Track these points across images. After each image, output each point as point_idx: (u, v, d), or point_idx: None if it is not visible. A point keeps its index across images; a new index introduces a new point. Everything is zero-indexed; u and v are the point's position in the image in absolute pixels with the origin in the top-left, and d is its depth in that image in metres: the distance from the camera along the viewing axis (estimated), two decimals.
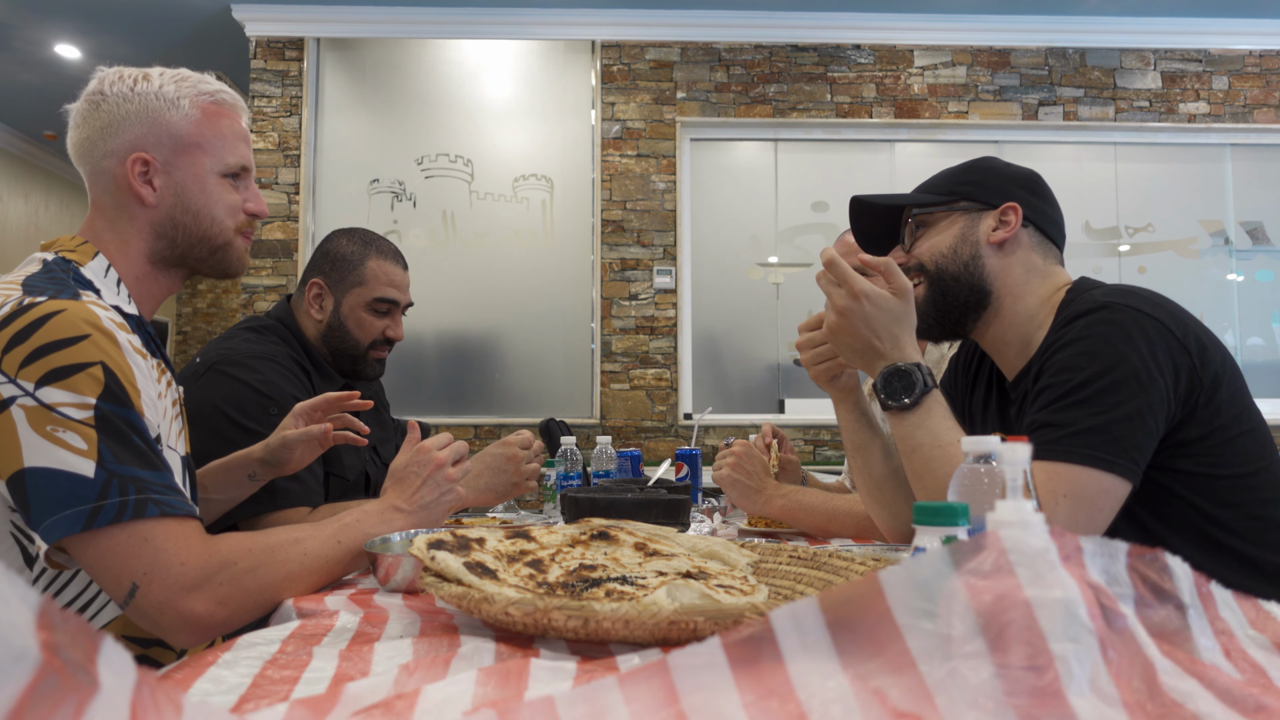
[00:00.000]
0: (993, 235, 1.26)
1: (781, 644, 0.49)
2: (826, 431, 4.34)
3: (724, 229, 4.52)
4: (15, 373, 0.88)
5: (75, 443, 0.87)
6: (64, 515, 0.86)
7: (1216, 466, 1.11)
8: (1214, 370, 1.10)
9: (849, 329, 1.16)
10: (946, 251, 1.27)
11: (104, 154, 1.08)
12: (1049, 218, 1.30)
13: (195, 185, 1.11)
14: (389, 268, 1.78)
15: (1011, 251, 1.26)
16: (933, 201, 1.30)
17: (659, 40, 4.46)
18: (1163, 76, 4.55)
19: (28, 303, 0.92)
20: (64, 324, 0.90)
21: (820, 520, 1.53)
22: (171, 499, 0.91)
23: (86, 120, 1.09)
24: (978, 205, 1.28)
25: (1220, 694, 0.50)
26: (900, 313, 1.15)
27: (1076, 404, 1.06)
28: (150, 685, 0.39)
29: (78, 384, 0.88)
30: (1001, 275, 1.26)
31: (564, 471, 1.95)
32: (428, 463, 1.16)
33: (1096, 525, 1.04)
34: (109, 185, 1.09)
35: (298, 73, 4.40)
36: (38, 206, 6.72)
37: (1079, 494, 1.03)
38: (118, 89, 1.08)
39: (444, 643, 0.74)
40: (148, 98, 1.09)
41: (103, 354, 0.91)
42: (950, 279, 1.26)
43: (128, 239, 1.10)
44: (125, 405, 0.91)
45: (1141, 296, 1.14)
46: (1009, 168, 1.32)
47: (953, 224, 1.28)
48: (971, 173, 1.31)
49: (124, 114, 1.08)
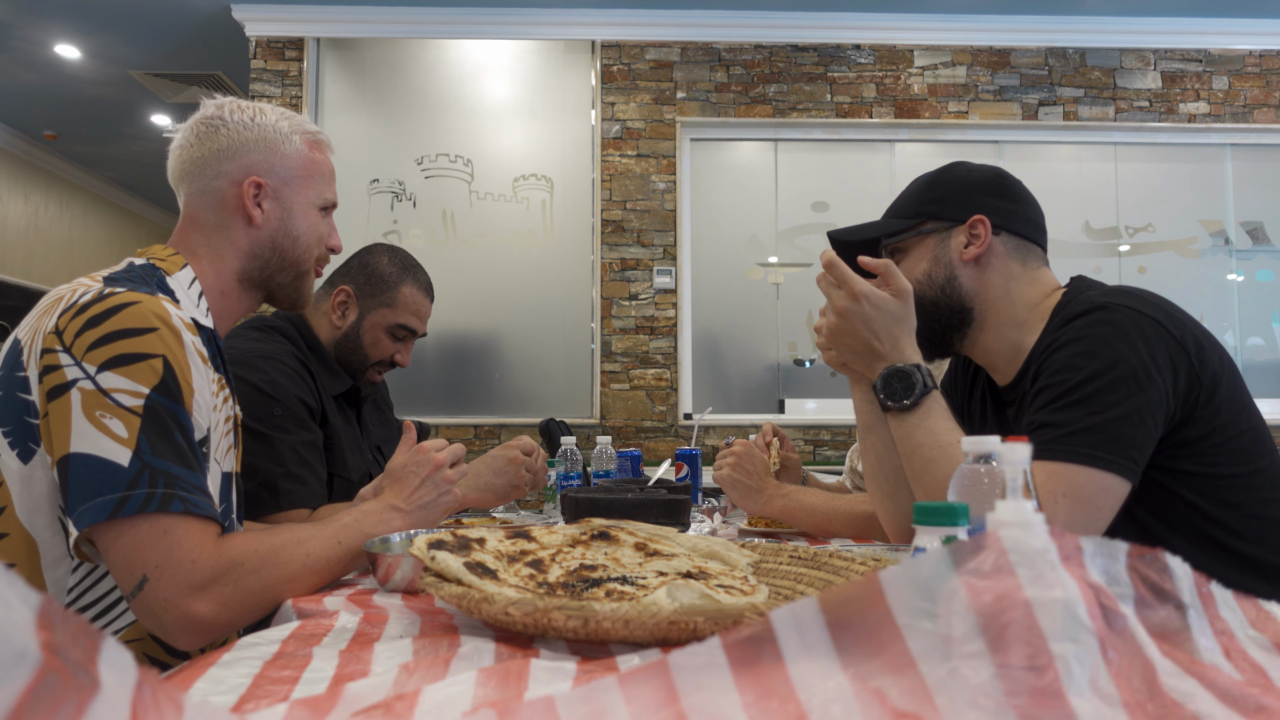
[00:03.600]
0: (965, 252, 1.24)
1: (781, 644, 0.49)
2: (826, 431, 4.34)
3: (724, 229, 4.52)
4: (83, 355, 0.92)
5: (118, 430, 0.89)
6: (94, 503, 0.88)
7: (1216, 466, 1.11)
8: (1213, 369, 1.10)
9: (849, 330, 1.16)
10: (921, 278, 1.26)
11: (217, 174, 1.16)
12: (1022, 219, 1.27)
13: (300, 213, 1.21)
14: (420, 298, 1.82)
15: (987, 264, 1.25)
16: (900, 229, 1.28)
17: (659, 40, 4.46)
18: (1163, 76, 4.55)
19: (107, 292, 0.97)
20: (135, 315, 0.94)
21: (820, 520, 1.53)
22: (198, 498, 0.92)
23: (202, 141, 1.16)
24: (945, 224, 1.26)
25: (1220, 694, 0.50)
26: (900, 314, 1.14)
27: (1074, 403, 1.06)
28: (151, 685, 0.39)
29: (137, 372, 0.92)
30: (981, 290, 1.25)
31: (564, 471, 1.95)
32: (426, 463, 1.17)
33: (1096, 525, 1.04)
34: (216, 203, 1.16)
35: (298, 73, 4.40)
36: (38, 206, 6.72)
37: (1078, 493, 1.03)
38: (238, 118, 1.18)
39: (444, 643, 0.74)
40: (265, 129, 1.18)
41: (166, 348, 0.95)
42: (930, 304, 1.25)
43: (223, 254, 1.17)
44: (176, 400, 0.94)
45: (1139, 297, 1.13)
46: (970, 174, 1.29)
47: (924, 247, 1.27)
48: (934, 188, 1.29)
49: (244, 140, 1.17)
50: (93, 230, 7.44)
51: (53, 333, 0.94)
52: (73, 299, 0.97)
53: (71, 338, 0.93)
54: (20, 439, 0.95)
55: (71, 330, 0.93)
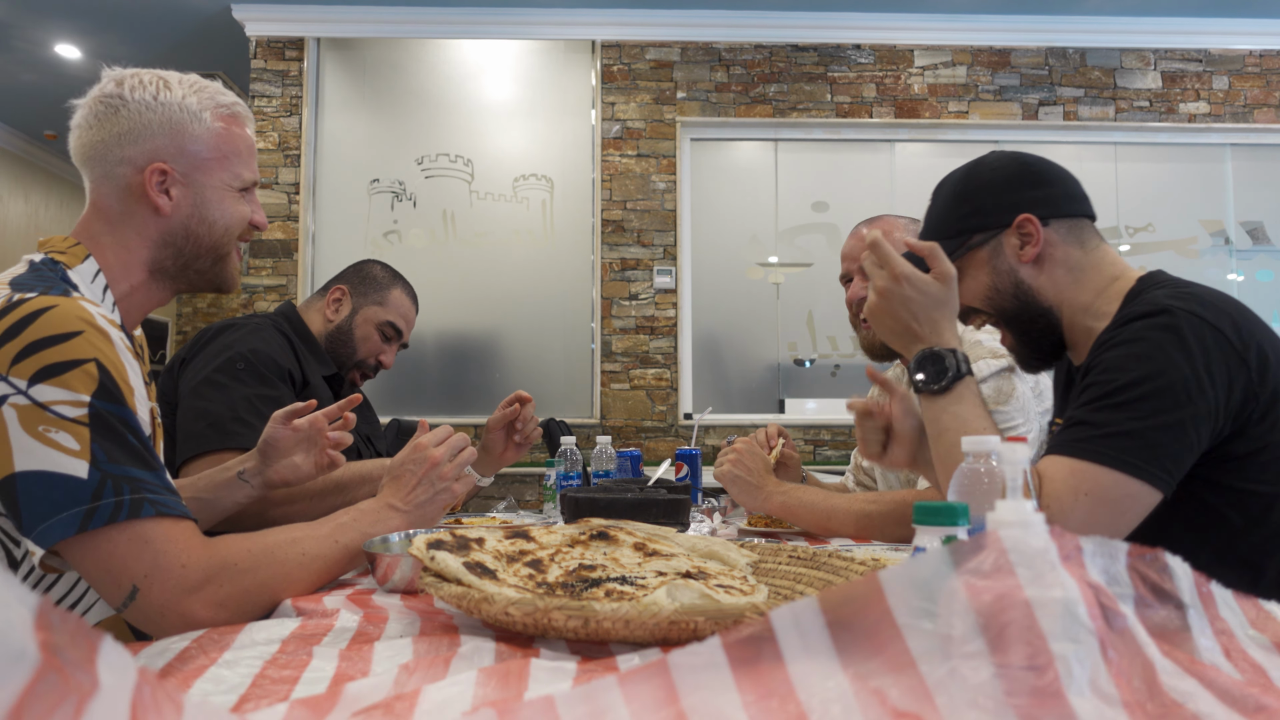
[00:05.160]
0: (1022, 254, 1.21)
1: (781, 644, 0.49)
2: (826, 431, 4.34)
3: (724, 229, 4.52)
4: (8, 370, 0.85)
5: (67, 443, 0.85)
6: (59, 519, 0.84)
7: (1261, 483, 1.08)
8: (1274, 384, 1.06)
9: (888, 310, 1.15)
10: (990, 293, 1.23)
11: (119, 160, 1.06)
12: (1063, 198, 1.22)
13: (214, 197, 1.11)
14: (408, 304, 1.99)
15: (1049, 258, 1.21)
16: (947, 251, 1.22)
17: (659, 40, 4.46)
18: (1163, 76, 4.55)
19: (17, 299, 0.89)
20: (56, 320, 0.88)
21: (819, 517, 1.52)
22: (167, 499, 0.90)
23: (101, 123, 1.07)
24: (990, 233, 1.22)
25: (1220, 694, 0.50)
26: (942, 297, 1.13)
27: (1117, 406, 1.04)
28: (150, 685, 0.39)
29: (71, 381, 0.86)
30: (1051, 287, 1.21)
31: (564, 471, 1.95)
32: (423, 461, 1.16)
33: (1118, 528, 1.02)
34: (119, 191, 1.07)
35: (298, 73, 4.39)
36: (38, 206, 6.72)
37: (1102, 494, 1.01)
38: (139, 96, 1.07)
39: (444, 643, 0.74)
40: (170, 108, 1.08)
41: (96, 350, 0.89)
42: (1013, 315, 1.22)
43: (130, 245, 1.08)
44: (119, 403, 0.89)
45: (1206, 303, 1.08)
46: (996, 174, 1.24)
47: (978, 261, 1.23)
48: (966, 200, 1.25)
49: (145, 123, 1.07)
50: None
51: None
52: None
53: None
54: None
55: None
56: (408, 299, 1.99)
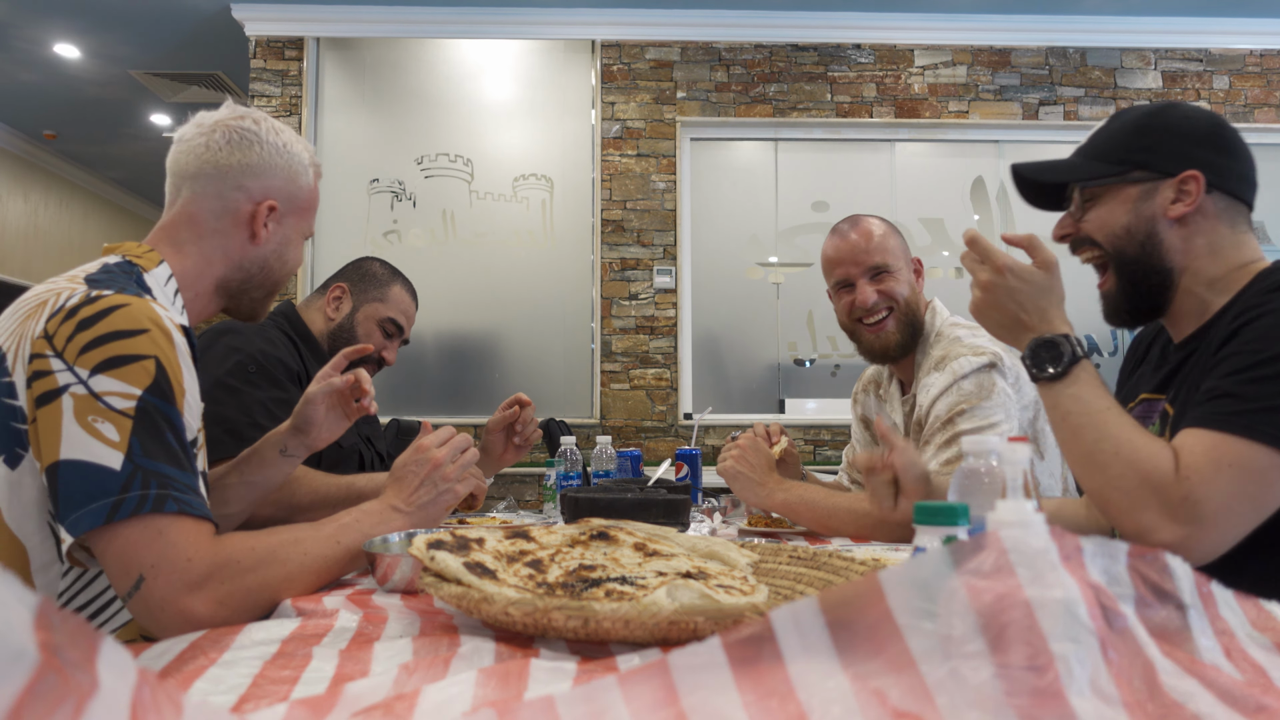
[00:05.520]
0: (1171, 209, 1.15)
1: (781, 644, 0.49)
2: (826, 431, 4.34)
3: (724, 229, 4.52)
4: (75, 359, 0.91)
5: (109, 434, 0.89)
6: (88, 509, 0.87)
7: None
8: None
9: (994, 304, 1.13)
10: (1120, 231, 1.18)
11: (238, 186, 1.17)
12: (1237, 176, 1.17)
13: (293, 241, 1.26)
14: (408, 300, 2.00)
15: (1194, 224, 1.16)
16: (1102, 174, 1.20)
17: (659, 40, 4.46)
18: (1163, 76, 4.55)
19: (94, 295, 0.96)
20: (127, 317, 0.94)
21: (821, 516, 1.52)
22: (191, 499, 0.92)
23: (233, 149, 1.17)
24: (1153, 175, 1.16)
25: (1221, 694, 0.50)
26: (1046, 285, 1.11)
27: (1266, 379, 0.99)
28: (150, 685, 0.39)
29: (129, 374, 0.91)
30: (1183, 251, 1.16)
31: (564, 471, 1.95)
32: (425, 462, 1.17)
33: (1263, 505, 0.98)
34: (224, 211, 1.17)
35: (298, 72, 4.39)
36: (37, 206, 6.72)
37: (1248, 466, 0.96)
38: (273, 140, 1.20)
39: (444, 643, 0.74)
40: (291, 157, 1.22)
41: (158, 349, 0.94)
42: (1130, 261, 1.18)
43: (211, 259, 1.17)
44: (169, 401, 0.93)
45: None
46: (1187, 122, 1.18)
47: (1125, 197, 1.18)
48: (1146, 135, 1.19)
49: (273, 164, 1.20)
50: (92, 230, 7.43)
51: (42, 337, 0.93)
52: (59, 303, 0.96)
53: (63, 342, 0.92)
54: (7, 445, 0.94)
55: (63, 334, 0.92)
56: (408, 295, 2.00)
